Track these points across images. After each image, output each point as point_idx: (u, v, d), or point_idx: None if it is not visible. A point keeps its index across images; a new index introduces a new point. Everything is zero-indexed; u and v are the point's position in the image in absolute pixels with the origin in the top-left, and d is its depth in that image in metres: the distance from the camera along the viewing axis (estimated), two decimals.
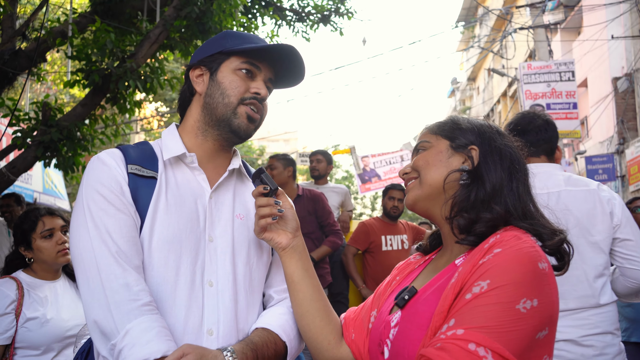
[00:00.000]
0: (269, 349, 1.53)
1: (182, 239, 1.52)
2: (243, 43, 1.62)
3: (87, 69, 5.76)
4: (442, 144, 1.48)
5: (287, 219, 1.58)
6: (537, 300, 1.18)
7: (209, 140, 1.66)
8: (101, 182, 1.49)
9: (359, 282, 5.79)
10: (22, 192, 9.05)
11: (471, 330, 1.14)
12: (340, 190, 6.60)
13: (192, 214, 1.56)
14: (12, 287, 2.71)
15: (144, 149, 1.64)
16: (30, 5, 10.84)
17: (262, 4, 8.35)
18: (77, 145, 5.83)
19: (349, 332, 1.56)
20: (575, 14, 15.27)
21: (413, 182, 1.50)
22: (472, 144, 1.45)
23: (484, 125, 1.50)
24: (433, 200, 1.46)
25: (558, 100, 12.13)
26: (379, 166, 10.29)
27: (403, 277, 1.57)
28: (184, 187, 1.59)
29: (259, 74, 1.64)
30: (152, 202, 1.52)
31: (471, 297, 1.19)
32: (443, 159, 1.46)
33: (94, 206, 1.47)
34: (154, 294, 1.47)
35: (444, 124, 1.53)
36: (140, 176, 1.54)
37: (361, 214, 31.16)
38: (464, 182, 1.41)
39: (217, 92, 1.61)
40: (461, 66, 33.00)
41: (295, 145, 47.87)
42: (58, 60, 14.69)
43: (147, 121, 17.54)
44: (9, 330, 2.63)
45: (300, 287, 1.55)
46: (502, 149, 1.44)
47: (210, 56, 1.65)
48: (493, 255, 1.24)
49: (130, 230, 1.46)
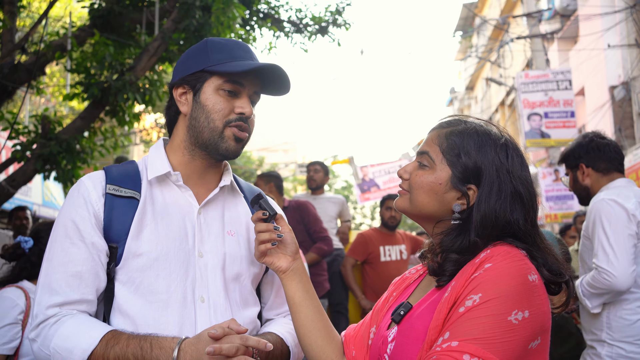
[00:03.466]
0: (276, 349, 1.57)
1: (171, 256, 1.53)
2: (225, 59, 1.60)
3: (86, 82, 5.79)
4: (444, 174, 1.42)
5: (287, 242, 1.59)
6: (528, 312, 1.21)
7: (196, 159, 1.66)
8: (70, 218, 1.54)
9: (358, 293, 5.78)
10: (22, 204, 9.05)
11: (465, 342, 1.18)
12: (337, 200, 6.61)
13: (180, 230, 1.57)
14: (21, 296, 2.68)
15: (127, 168, 1.65)
16: (29, 18, 10.89)
17: (260, 16, 8.40)
18: (76, 158, 5.84)
19: (349, 349, 1.57)
20: (572, 24, 15.35)
21: (404, 193, 1.50)
22: (475, 177, 1.39)
23: (494, 155, 1.40)
24: (421, 219, 1.49)
25: (555, 109, 12.16)
26: (378, 176, 10.29)
27: (399, 292, 1.59)
28: (171, 204, 1.60)
29: (243, 91, 1.62)
30: (135, 220, 1.53)
31: (464, 311, 1.23)
32: (439, 192, 1.42)
33: (56, 235, 1.54)
34: (145, 310, 1.49)
35: (453, 147, 1.43)
36: (117, 196, 1.56)
37: (361, 223, 31.15)
38: (454, 223, 1.41)
39: (201, 115, 1.60)
40: (459, 75, 33.11)
41: (294, 155, 47.89)
42: (57, 74, 14.75)
43: (146, 132, 17.54)
44: (14, 341, 2.60)
45: (301, 308, 1.56)
46: (504, 185, 1.37)
47: (192, 74, 1.62)
48: (484, 270, 1.27)
49: (78, 264, 1.49)
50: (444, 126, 1.49)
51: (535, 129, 12.09)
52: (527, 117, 12.16)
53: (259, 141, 41.75)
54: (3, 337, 2.58)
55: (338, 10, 8.93)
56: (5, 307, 2.64)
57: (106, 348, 1.39)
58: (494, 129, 1.47)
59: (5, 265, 2.92)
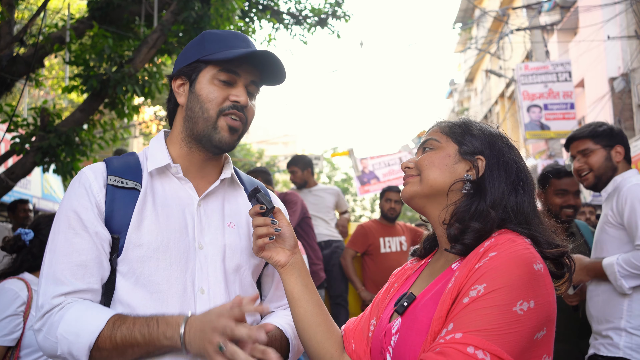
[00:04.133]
0: (275, 340, 1.58)
1: (171, 247, 1.53)
2: (221, 48, 1.60)
3: (85, 74, 5.76)
4: (451, 148, 1.48)
5: (285, 236, 1.59)
6: (534, 302, 1.20)
7: (194, 151, 1.66)
8: (72, 208, 1.53)
9: (358, 284, 5.80)
10: (21, 197, 9.05)
11: (469, 333, 1.17)
12: (333, 190, 6.58)
13: (179, 222, 1.57)
14: (23, 288, 2.68)
15: (128, 160, 1.66)
16: (27, 11, 10.85)
17: (259, 8, 8.37)
18: (75, 151, 5.83)
19: (349, 342, 1.57)
20: (572, 15, 15.30)
21: (413, 177, 1.50)
22: (480, 154, 1.45)
23: (495, 135, 1.49)
24: (431, 201, 1.48)
25: (555, 100, 12.16)
26: (377, 168, 10.31)
27: (401, 283, 1.59)
28: (171, 196, 1.60)
29: (238, 79, 1.61)
30: (136, 211, 1.53)
31: (468, 301, 1.21)
32: (449, 163, 1.46)
33: (59, 226, 1.54)
34: (146, 301, 1.49)
35: (456, 126, 1.52)
36: (119, 187, 1.56)
37: (361, 215, 31.15)
38: (466, 191, 1.42)
39: (196, 105, 1.60)
40: (459, 67, 33.03)
41: (294, 147, 47.85)
42: (56, 66, 14.71)
43: (145, 125, 17.52)
44: (15, 333, 2.60)
45: (300, 302, 1.56)
46: (509, 163, 1.44)
47: (189, 65, 1.63)
48: (488, 259, 1.26)
49: (82, 254, 1.49)
50: (442, 123, 1.57)
51: (535, 120, 12.09)
52: (526, 109, 12.16)
53: (259, 133, 41.73)
54: (4, 328, 2.58)
55: (337, 2, 8.90)
56: (6, 298, 2.64)
57: (113, 329, 1.40)
58: (487, 126, 1.54)
59: (6, 258, 2.92)
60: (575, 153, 3.05)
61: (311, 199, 6.25)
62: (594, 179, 2.98)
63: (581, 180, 3.06)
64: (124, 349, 1.40)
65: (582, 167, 3.00)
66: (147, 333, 1.39)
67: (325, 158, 21.15)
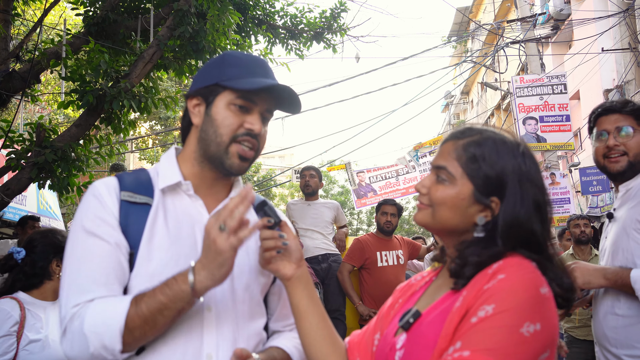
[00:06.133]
0: None
1: (180, 264, 1.51)
2: (241, 74, 1.60)
3: (81, 89, 5.75)
4: (466, 189, 1.40)
5: (291, 250, 1.58)
6: (540, 325, 1.21)
7: (206, 170, 1.66)
8: (89, 219, 1.52)
9: (355, 299, 5.76)
10: (17, 213, 9.01)
11: (477, 352, 1.17)
12: (332, 205, 6.60)
13: (189, 239, 1.57)
14: (15, 308, 2.64)
15: (139, 176, 1.65)
16: (23, 26, 10.88)
17: (255, 22, 8.40)
18: (71, 166, 5.80)
19: (353, 356, 1.57)
20: (566, 28, 15.42)
21: (425, 207, 1.48)
22: (495, 194, 1.38)
23: (515, 163, 1.39)
24: (442, 233, 1.48)
25: (551, 112, 12.21)
26: (374, 181, 10.33)
27: (405, 299, 1.58)
28: (182, 212, 1.60)
29: (254, 107, 1.62)
30: (148, 227, 1.52)
31: (477, 321, 1.22)
32: (462, 206, 1.40)
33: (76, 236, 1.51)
34: None
35: (473, 159, 1.41)
36: (132, 203, 1.56)
37: (358, 229, 31.10)
38: (477, 234, 1.40)
39: (210, 128, 1.60)
40: (454, 80, 33.20)
41: (290, 161, 47.86)
42: (52, 81, 14.72)
43: (141, 140, 17.51)
44: (8, 353, 2.55)
45: (306, 315, 1.55)
46: (526, 193, 1.37)
47: (206, 87, 1.63)
48: (497, 281, 1.26)
49: (104, 261, 1.47)
50: (459, 137, 1.47)
51: (531, 133, 12.13)
52: (522, 122, 12.20)
53: None
54: None
55: (333, 16, 8.95)
56: None
57: (137, 306, 1.38)
58: (508, 136, 1.45)
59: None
60: (612, 129, 2.49)
61: (310, 213, 6.24)
62: (627, 164, 2.46)
63: (608, 162, 2.51)
64: (154, 319, 1.38)
65: (618, 146, 2.47)
66: (169, 290, 1.39)
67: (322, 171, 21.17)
